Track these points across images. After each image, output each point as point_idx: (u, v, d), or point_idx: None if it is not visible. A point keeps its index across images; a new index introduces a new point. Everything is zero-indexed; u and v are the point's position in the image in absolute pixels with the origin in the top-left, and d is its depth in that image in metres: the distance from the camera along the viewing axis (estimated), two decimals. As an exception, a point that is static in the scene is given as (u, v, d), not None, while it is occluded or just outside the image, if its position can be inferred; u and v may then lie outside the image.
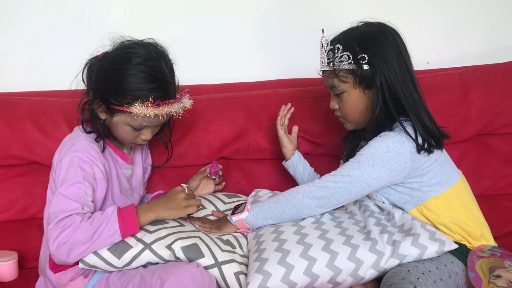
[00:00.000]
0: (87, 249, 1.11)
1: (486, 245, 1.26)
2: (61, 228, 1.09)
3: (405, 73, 1.22)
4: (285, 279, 1.09)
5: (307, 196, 1.23)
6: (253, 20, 1.82)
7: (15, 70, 1.72)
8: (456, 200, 1.27)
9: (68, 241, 1.08)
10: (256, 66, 1.84)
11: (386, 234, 1.17)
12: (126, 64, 1.17)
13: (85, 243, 1.10)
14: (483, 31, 1.90)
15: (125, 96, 1.16)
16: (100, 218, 1.12)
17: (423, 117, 1.22)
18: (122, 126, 1.21)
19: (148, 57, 1.18)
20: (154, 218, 1.18)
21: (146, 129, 1.24)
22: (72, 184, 1.15)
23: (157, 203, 1.20)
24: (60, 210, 1.12)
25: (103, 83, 1.19)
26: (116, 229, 1.12)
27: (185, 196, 1.21)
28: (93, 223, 1.11)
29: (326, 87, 1.33)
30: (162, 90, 1.18)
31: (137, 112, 1.15)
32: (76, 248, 1.10)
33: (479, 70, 1.69)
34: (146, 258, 1.13)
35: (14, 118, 1.47)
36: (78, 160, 1.17)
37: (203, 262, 1.13)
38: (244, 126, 1.58)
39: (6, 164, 1.49)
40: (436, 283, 1.11)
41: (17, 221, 1.49)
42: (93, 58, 1.24)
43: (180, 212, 1.20)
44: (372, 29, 1.25)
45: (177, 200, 1.20)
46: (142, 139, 1.25)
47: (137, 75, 1.16)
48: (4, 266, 1.36)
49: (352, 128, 1.34)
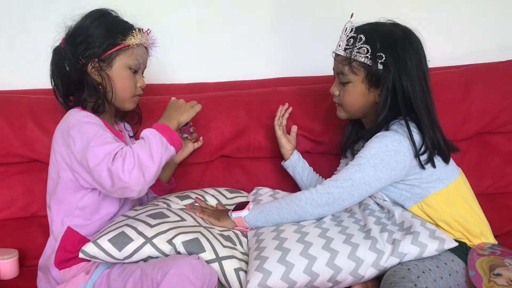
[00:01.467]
0: (154, 164, 1.10)
1: (486, 243, 1.26)
2: (122, 157, 1.08)
3: (423, 83, 1.22)
4: (285, 278, 1.09)
5: (310, 204, 1.22)
6: (254, 18, 1.82)
7: (15, 68, 1.72)
8: (457, 196, 1.27)
9: (135, 162, 1.08)
10: (257, 64, 1.84)
11: (386, 233, 1.17)
12: (97, 14, 1.26)
13: (149, 158, 1.10)
14: (484, 29, 1.89)
15: (115, 35, 1.23)
16: (143, 142, 1.13)
17: (434, 128, 1.22)
18: (123, 71, 1.25)
19: (102, 9, 1.29)
20: (176, 125, 1.24)
21: (139, 73, 1.30)
22: (98, 136, 1.14)
23: (169, 114, 1.26)
24: (105, 153, 1.10)
25: (90, 39, 1.23)
26: (165, 142, 1.15)
27: (183, 101, 1.30)
28: (141, 145, 1.12)
29: (333, 70, 1.33)
30: (133, 24, 1.30)
31: (134, 41, 1.24)
32: (145, 166, 1.09)
33: (481, 69, 1.69)
34: (147, 252, 1.13)
35: (14, 116, 1.47)
36: (87, 121, 1.18)
37: (204, 256, 1.13)
38: (245, 124, 1.58)
39: (7, 162, 1.50)
40: (436, 281, 1.10)
41: (17, 219, 1.50)
42: (57, 48, 1.28)
43: (191, 113, 1.28)
44: (399, 32, 1.24)
45: (182, 106, 1.28)
46: (139, 86, 1.30)
47: (116, 18, 1.28)
48: (5, 264, 1.37)
49: (344, 118, 1.35)
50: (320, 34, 1.26)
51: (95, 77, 1.24)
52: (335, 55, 1.30)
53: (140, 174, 1.08)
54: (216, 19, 1.80)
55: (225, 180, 1.59)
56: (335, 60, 1.31)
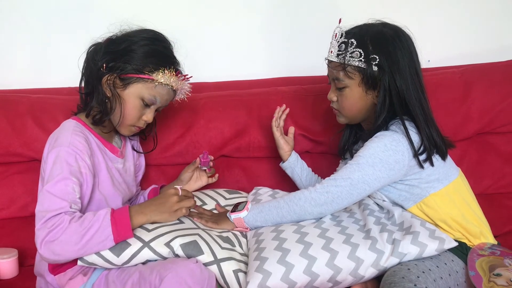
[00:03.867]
0: (76, 252, 1.08)
1: (486, 243, 1.26)
2: (49, 228, 1.05)
3: (416, 81, 1.22)
4: (285, 278, 1.09)
5: (309, 203, 1.22)
6: (254, 18, 1.82)
7: (16, 68, 1.72)
8: (456, 196, 1.27)
9: (55, 241, 1.05)
10: (257, 63, 1.84)
11: (386, 233, 1.17)
12: (144, 34, 1.23)
13: (74, 245, 1.06)
14: (484, 29, 1.89)
15: (146, 64, 1.19)
16: (91, 220, 1.08)
17: (430, 125, 1.22)
18: (133, 99, 1.21)
19: (161, 36, 1.26)
20: (145, 222, 1.16)
21: (151, 108, 1.24)
22: (59, 181, 1.11)
23: (148, 205, 1.18)
24: (46, 209, 1.08)
25: (121, 53, 1.20)
26: (109, 234, 1.08)
27: (177, 200, 1.19)
28: (83, 224, 1.07)
29: (327, 77, 1.32)
30: (178, 64, 1.27)
31: (161, 79, 1.20)
32: (64, 250, 1.06)
33: (480, 69, 1.69)
34: (145, 256, 1.12)
35: (15, 115, 1.47)
36: (64, 154, 1.14)
37: (202, 259, 1.13)
38: (244, 124, 1.58)
39: (7, 161, 1.50)
40: (436, 281, 1.10)
41: (17, 219, 1.50)
42: (98, 42, 1.25)
43: (171, 216, 1.18)
44: (389, 31, 1.24)
45: (168, 204, 1.18)
46: (143, 120, 1.25)
47: (158, 45, 1.23)
48: (5, 264, 1.36)
49: (344, 123, 1.35)
50: (321, 33, 1.26)
51: (106, 90, 1.22)
52: (328, 62, 1.30)
53: (54, 254, 1.06)
54: (217, 18, 1.80)
55: (225, 180, 1.59)
56: (329, 67, 1.30)
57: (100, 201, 1.23)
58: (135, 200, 1.47)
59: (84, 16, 1.71)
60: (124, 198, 1.31)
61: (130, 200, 1.42)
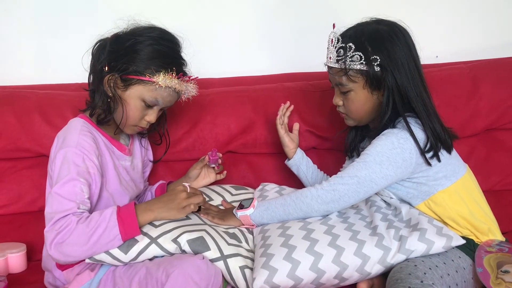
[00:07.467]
0: (85, 253, 1.08)
1: (494, 240, 1.25)
2: (57, 230, 1.06)
3: (415, 75, 1.21)
4: (291, 275, 1.09)
5: (315, 201, 1.22)
6: (260, 14, 1.81)
7: (23, 64, 1.73)
8: (464, 193, 1.26)
9: (64, 243, 1.06)
10: (263, 59, 1.84)
11: (392, 229, 1.17)
12: (150, 33, 1.20)
13: (83, 245, 1.07)
14: (492, 25, 1.88)
15: (148, 65, 1.17)
16: (98, 220, 1.08)
17: (432, 119, 1.21)
18: (134, 100, 1.20)
19: (169, 35, 1.23)
20: (153, 219, 1.15)
21: (154, 109, 1.23)
22: (67, 182, 1.11)
23: (156, 202, 1.18)
24: (55, 211, 1.09)
25: (124, 53, 1.18)
26: (117, 234, 1.08)
27: (185, 196, 1.18)
28: (90, 225, 1.07)
29: (330, 81, 1.32)
30: (183, 65, 1.24)
31: (162, 82, 1.17)
32: (73, 251, 1.07)
33: (489, 64, 1.68)
34: (153, 252, 1.13)
35: (22, 111, 1.48)
36: (71, 155, 1.14)
37: (209, 255, 1.13)
38: (251, 119, 1.58)
39: (15, 156, 1.50)
40: (443, 278, 1.10)
41: (25, 214, 1.50)
42: (104, 39, 1.23)
43: (180, 213, 1.17)
44: (385, 28, 1.22)
45: (177, 200, 1.17)
46: (146, 121, 1.24)
47: (163, 45, 1.19)
48: (13, 258, 1.37)
49: (353, 125, 1.34)
50: (327, 29, 1.25)
51: (107, 90, 1.20)
52: (328, 68, 1.28)
53: (64, 255, 1.07)
54: (222, 14, 1.79)
55: (231, 176, 1.59)
56: (330, 73, 1.29)
57: (108, 200, 1.23)
58: (143, 195, 1.47)
59: (92, 11, 1.72)
60: (131, 196, 1.31)
61: (138, 196, 1.42)
